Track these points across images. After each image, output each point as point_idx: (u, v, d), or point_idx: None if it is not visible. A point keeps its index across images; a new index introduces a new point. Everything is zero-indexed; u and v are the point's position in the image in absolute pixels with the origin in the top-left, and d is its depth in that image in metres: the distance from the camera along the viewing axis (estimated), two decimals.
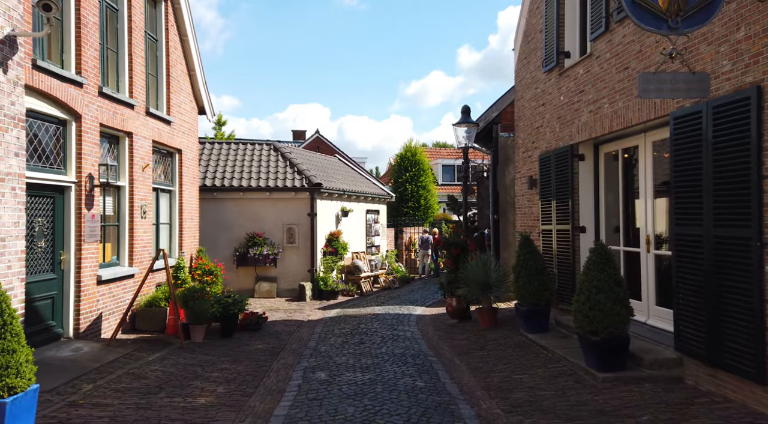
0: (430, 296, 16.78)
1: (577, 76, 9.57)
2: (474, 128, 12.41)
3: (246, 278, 16.26)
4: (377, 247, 21.19)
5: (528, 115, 12.04)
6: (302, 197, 16.49)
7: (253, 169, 17.09)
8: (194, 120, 14.33)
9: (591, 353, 6.99)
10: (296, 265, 16.43)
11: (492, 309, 10.90)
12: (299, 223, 16.45)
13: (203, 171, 16.74)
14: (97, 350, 8.64)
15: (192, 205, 14.01)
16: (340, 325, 11.84)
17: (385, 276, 19.23)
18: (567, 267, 9.93)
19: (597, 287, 6.89)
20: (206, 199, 15.84)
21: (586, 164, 9.82)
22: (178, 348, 9.28)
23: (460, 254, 11.92)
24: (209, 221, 15.98)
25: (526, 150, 12.18)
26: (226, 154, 18.01)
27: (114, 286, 10.20)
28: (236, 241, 16.24)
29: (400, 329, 11.21)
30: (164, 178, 12.87)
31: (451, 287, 11.89)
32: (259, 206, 16.45)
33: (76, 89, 9.06)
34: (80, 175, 9.19)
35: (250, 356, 8.92)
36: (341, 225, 18.20)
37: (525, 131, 12.23)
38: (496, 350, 8.84)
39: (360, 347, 9.44)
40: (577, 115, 9.60)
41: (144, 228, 11.35)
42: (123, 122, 10.52)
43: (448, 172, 41.93)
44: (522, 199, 12.42)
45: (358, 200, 19.68)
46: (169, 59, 12.69)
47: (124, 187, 10.83)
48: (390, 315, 13.19)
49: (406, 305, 15.07)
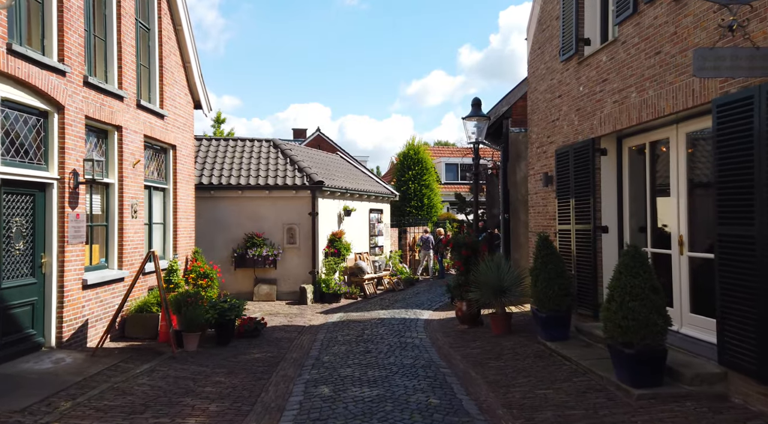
0: (436, 299, 16.09)
1: (600, 64, 8.87)
2: (485, 122, 11.72)
3: (244, 281, 15.57)
4: (381, 247, 20.50)
5: (543, 108, 11.34)
6: (303, 196, 15.81)
7: (252, 167, 16.40)
8: (189, 114, 13.64)
9: (623, 366, 6.30)
10: (297, 266, 15.75)
11: (505, 314, 10.22)
12: (300, 222, 15.76)
13: (200, 169, 16.06)
14: (81, 361, 7.96)
15: (187, 204, 13.32)
16: (343, 331, 11.16)
17: (389, 278, 18.55)
18: (587, 270, 9.23)
19: (631, 293, 6.20)
20: (203, 197, 15.16)
21: (609, 159, 9.12)
22: (169, 358, 8.60)
23: (470, 255, 11.23)
24: (206, 221, 15.30)
25: (540, 145, 11.48)
26: (224, 151, 17.32)
27: (101, 290, 9.51)
28: (234, 241, 15.56)
29: (407, 336, 10.52)
30: (157, 176, 12.18)
31: (461, 291, 11.20)
32: (259, 205, 15.77)
33: (59, 78, 8.37)
34: (63, 171, 8.50)
35: (247, 367, 8.24)
36: (344, 225, 17.51)
37: (539, 125, 11.53)
38: (513, 361, 8.15)
39: (366, 356, 8.75)
40: (599, 107, 8.90)
41: (135, 228, 10.67)
42: (111, 115, 9.83)
43: (451, 171, 41.24)
44: (536, 197, 11.72)
45: (361, 199, 18.99)
46: (162, 49, 12.00)
47: (113, 184, 10.15)
48: (396, 320, 12.50)
49: (412, 308, 14.38)
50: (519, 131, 13.97)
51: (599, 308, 8.99)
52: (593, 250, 9.10)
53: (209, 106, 14.44)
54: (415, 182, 31.07)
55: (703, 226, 7.22)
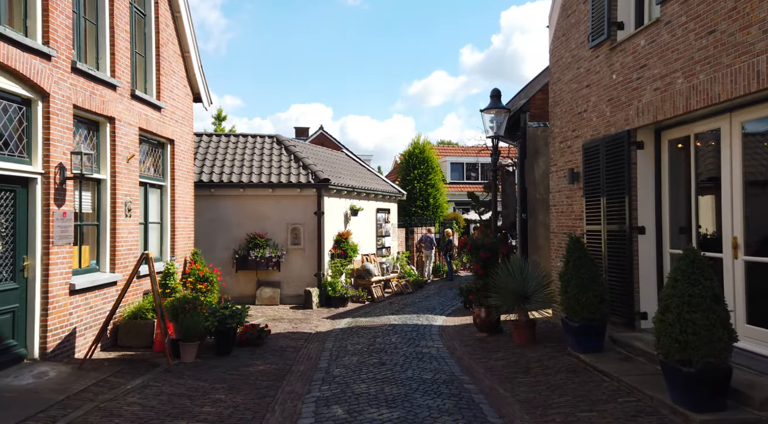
0: (448, 303, 15.30)
1: (637, 49, 8.08)
2: (504, 114, 10.93)
3: (246, 284, 14.79)
4: (388, 248, 19.72)
5: (567, 99, 10.55)
6: (308, 194, 15.03)
7: (254, 164, 15.62)
8: (188, 107, 12.87)
9: (680, 387, 5.51)
10: (302, 268, 14.97)
11: (529, 322, 9.43)
12: (305, 222, 14.98)
13: (199, 165, 15.29)
14: (66, 374, 7.18)
15: (186, 202, 12.55)
16: (353, 339, 10.37)
17: (397, 280, 17.76)
18: (621, 274, 8.45)
19: (689, 303, 5.41)
20: (202, 196, 14.40)
21: (646, 153, 8.34)
22: (164, 371, 7.82)
23: (489, 257, 10.45)
24: (206, 221, 14.53)
25: (564, 140, 10.70)
26: (225, 147, 16.55)
27: (92, 296, 8.74)
28: (236, 242, 14.78)
29: (423, 345, 9.74)
30: (154, 172, 11.41)
31: (479, 296, 10.41)
32: (261, 204, 14.99)
33: (43, 62, 7.60)
34: (48, 166, 7.73)
35: (250, 382, 7.46)
36: (350, 225, 16.73)
37: (563, 118, 10.74)
38: (544, 376, 7.36)
39: (380, 369, 7.96)
40: (636, 96, 8.12)
41: (129, 228, 9.89)
42: (103, 105, 9.06)
43: (456, 170, 40.49)
44: (559, 195, 10.93)
45: (368, 198, 18.21)
46: (159, 37, 11.22)
47: (105, 180, 9.38)
48: (408, 326, 11.71)
49: (423, 313, 13.59)
50: (538, 126, 13.22)
51: (636, 316, 8.23)
52: (628, 253, 8.31)
53: (209, 99, 13.66)
54: (420, 182, 30.29)
55: (762, 227, 6.43)
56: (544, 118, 13.32)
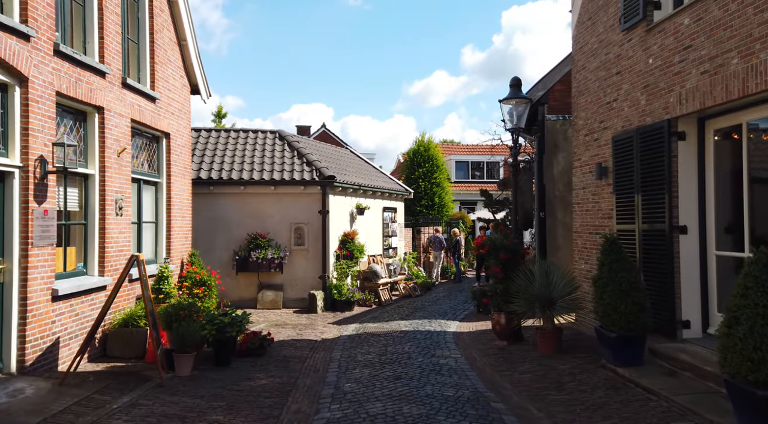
0: (460, 307, 14.52)
1: (680, 29, 7.30)
2: (525, 105, 10.14)
3: (247, 286, 14.02)
4: (394, 249, 18.94)
5: (594, 88, 9.77)
6: (312, 192, 14.25)
7: (255, 160, 14.84)
8: (185, 100, 12.09)
9: (754, 413, 4.72)
10: (305, 270, 14.19)
11: (556, 330, 8.65)
12: (309, 222, 14.21)
13: (197, 162, 14.51)
14: (45, 392, 6.41)
15: (183, 200, 11.78)
16: (362, 347, 9.59)
17: (404, 282, 16.98)
18: (660, 278, 7.66)
19: (765, 315, 4.63)
20: (201, 194, 13.63)
21: (688, 145, 7.55)
22: (156, 386, 7.04)
23: (510, 259, 9.67)
24: (204, 220, 13.76)
25: (590, 132, 9.91)
26: (225, 143, 15.77)
27: (77, 302, 7.96)
28: (236, 243, 14.00)
29: (439, 355, 8.96)
30: (148, 168, 10.64)
31: (498, 301, 9.63)
32: (263, 202, 14.22)
33: (21, 43, 6.83)
34: (27, 158, 6.95)
35: (251, 399, 6.68)
36: (356, 224, 15.95)
37: (588, 109, 9.96)
38: (580, 393, 6.57)
39: (396, 384, 7.18)
40: (678, 81, 7.33)
41: (120, 228, 9.12)
42: (90, 93, 8.29)
43: (461, 169, 39.74)
44: (584, 192, 10.15)
45: (374, 196, 17.43)
46: (153, 22, 10.45)
47: (93, 176, 8.60)
48: (421, 333, 10.93)
49: (435, 318, 12.81)
50: (556, 119, 12.43)
51: (677, 325, 7.45)
52: (668, 254, 7.52)
53: (208, 91, 12.89)
54: (425, 180, 29.57)
55: None
56: (563, 111, 12.55)
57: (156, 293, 9.35)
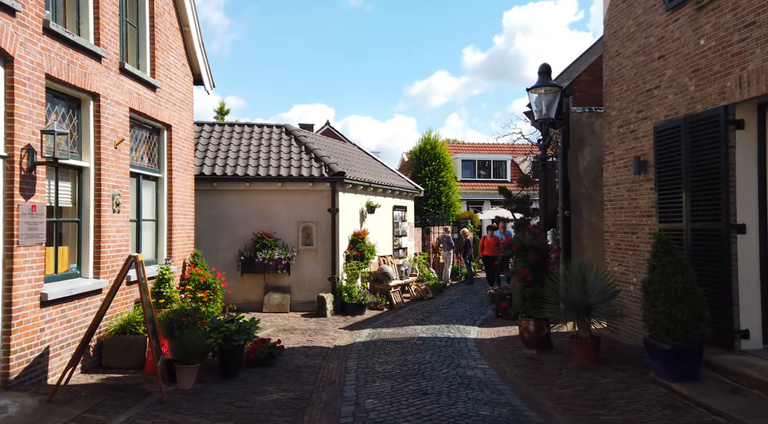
0: (476, 310, 13.78)
1: (739, 4, 6.54)
2: (555, 93, 9.39)
3: (253, 289, 13.28)
4: (404, 249, 18.20)
5: (630, 76, 9.03)
6: (321, 189, 13.51)
7: (261, 156, 14.10)
8: (188, 90, 11.36)
9: None
10: (314, 272, 13.45)
11: (594, 339, 7.91)
12: (317, 220, 13.47)
13: (200, 157, 13.77)
14: (31, 410, 5.67)
15: (185, 197, 11.04)
16: (380, 356, 8.86)
17: (416, 284, 16.23)
18: (715, 283, 6.91)
19: None
20: (204, 190, 12.89)
21: (747, 134, 6.81)
22: (156, 402, 6.30)
23: (539, 261, 8.93)
24: (207, 218, 13.03)
25: (625, 123, 9.17)
26: (228, 137, 15.03)
27: (70, 307, 7.23)
28: (241, 242, 13.26)
29: (465, 365, 8.22)
30: (148, 162, 9.90)
31: (527, 306, 8.89)
32: (269, 200, 13.48)
33: (4, 17, 6.09)
34: (13, 147, 6.22)
35: (262, 417, 5.94)
36: (366, 223, 15.21)
37: (624, 98, 9.21)
38: (633, 412, 5.83)
39: (423, 401, 6.43)
40: (737, 62, 6.58)
41: (118, 226, 8.39)
42: (85, 78, 7.55)
43: (468, 168, 38.93)
44: (617, 189, 9.41)
45: (385, 194, 16.69)
46: (153, 5, 9.71)
47: (88, 168, 7.87)
48: (440, 340, 10.19)
49: (452, 323, 12.06)
50: (582, 111, 11.71)
51: (735, 335, 6.70)
52: (725, 257, 6.78)
53: (212, 81, 12.15)
54: (432, 179, 28.80)
55: None
56: (589, 103, 11.82)
57: (156, 297, 8.61)
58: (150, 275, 9.15)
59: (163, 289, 8.65)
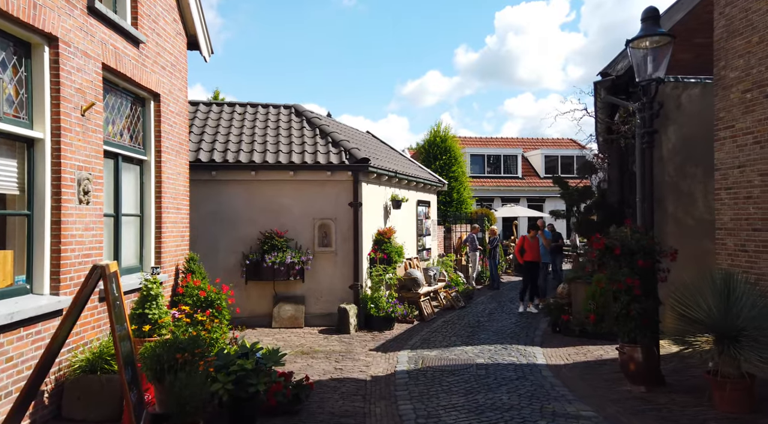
0: (523, 323, 11.61)
1: None
2: (668, 45, 7.16)
3: (260, 299, 11.03)
4: (428, 250, 16.00)
5: (762, 24, 6.87)
6: (341, 179, 11.27)
7: (268, 140, 11.84)
8: (181, 53, 9.11)
9: None
10: (333, 278, 11.22)
11: (747, 378, 5.74)
12: (336, 217, 11.24)
13: (196, 141, 11.50)
14: None
15: (178, 187, 8.80)
16: (439, 396, 6.65)
17: (445, 291, 14.03)
18: None
19: None
20: (200, 181, 10.66)
21: None
22: None
23: (650, 267, 6.77)
24: (205, 215, 10.80)
25: (757, 86, 7.01)
26: (229, 119, 12.76)
27: (14, 337, 4.99)
28: (245, 243, 11.01)
29: (561, 411, 6.02)
30: (129, 140, 7.66)
31: (630, 327, 6.70)
32: (279, 192, 11.23)
33: None
34: None
35: None
36: (390, 220, 13.00)
37: (753, 54, 7.05)
38: None
39: None
40: None
41: (86, 221, 6.14)
42: (35, 12, 5.30)
43: (476, 163, 36.80)
44: (741, 173, 7.26)
45: (409, 187, 14.49)
46: None
47: (42, 141, 5.63)
48: (505, 368, 8.00)
49: (506, 341, 9.87)
50: (668, 80, 9.57)
51: None
52: None
53: (209, 46, 9.89)
54: (442, 174, 26.65)
55: None
56: (672, 71, 9.68)
57: (138, 322, 6.28)
58: (131, 288, 6.90)
59: (148, 309, 6.32)
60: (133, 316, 6.26)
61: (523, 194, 35.84)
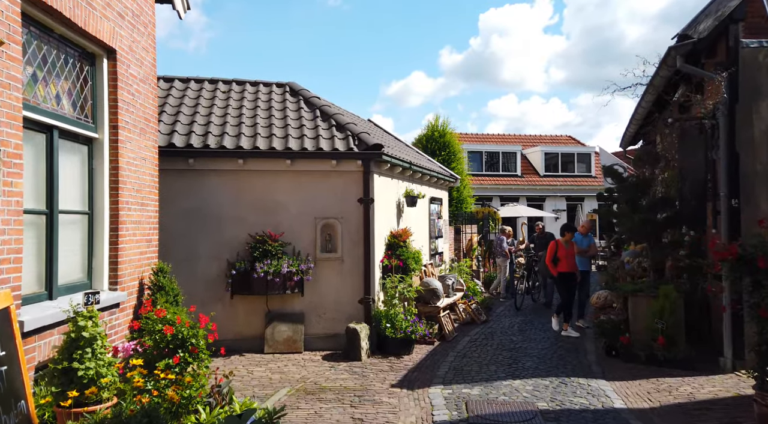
0: (567, 344, 9.66)
1: None
2: None
3: (249, 317, 8.96)
4: (440, 254, 14.00)
5: None
6: (348, 170, 9.24)
7: (259, 122, 9.74)
8: (147, 2, 7.00)
9: None
10: (338, 291, 9.19)
11: None
12: (343, 216, 9.20)
13: (169, 123, 9.38)
14: None
15: (143, 176, 6.70)
16: None
17: (465, 303, 12.04)
18: None
19: None
20: (175, 170, 8.58)
21: None
22: None
23: None
24: (180, 212, 8.70)
25: None
26: (210, 97, 10.64)
27: None
28: (231, 249, 8.92)
29: None
30: (71, 109, 5.56)
31: None
32: (273, 185, 9.17)
33: None
34: None
35: None
36: (403, 220, 11.00)
37: None
38: None
39: None
40: None
41: None
42: None
43: (474, 160, 34.98)
44: None
45: (422, 182, 12.48)
46: None
47: None
48: (578, 415, 6.02)
49: (560, 373, 7.89)
50: (760, 45, 7.71)
51: None
52: None
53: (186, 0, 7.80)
54: None
55: None
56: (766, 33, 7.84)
57: (61, 381, 4.02)
58: (52, 322, 4.74)
59: (78, 362, 3.99)
60: (52, 373, 4.10)
61: (522, 193, 34.23)
